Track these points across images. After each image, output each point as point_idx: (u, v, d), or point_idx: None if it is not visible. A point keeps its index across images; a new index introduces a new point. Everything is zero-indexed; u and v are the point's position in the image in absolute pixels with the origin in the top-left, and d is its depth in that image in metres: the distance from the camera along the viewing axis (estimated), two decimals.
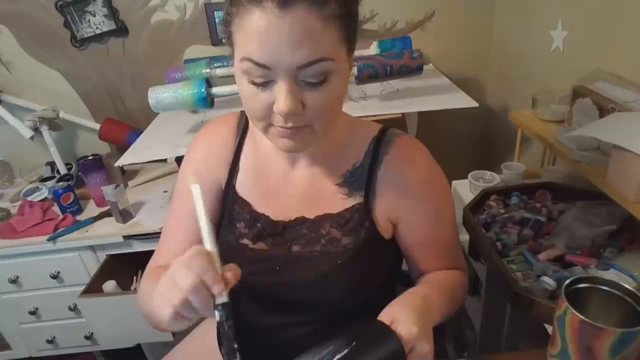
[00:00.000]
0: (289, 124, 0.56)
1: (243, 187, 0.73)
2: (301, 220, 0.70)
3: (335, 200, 0.69)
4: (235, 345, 0.47)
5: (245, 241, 0.72)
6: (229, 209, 0.74)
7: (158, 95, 1.33)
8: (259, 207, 0.72)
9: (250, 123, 0.75)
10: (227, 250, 0.73)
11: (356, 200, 0.68)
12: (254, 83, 0.54)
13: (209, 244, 0.49)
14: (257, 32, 0.51)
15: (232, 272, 0.49)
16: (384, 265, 0.73)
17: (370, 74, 1.35)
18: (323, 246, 0.68)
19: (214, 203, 0.75)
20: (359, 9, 0.58)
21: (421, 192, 0.68)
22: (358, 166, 0.69)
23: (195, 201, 0.50)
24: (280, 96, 0.53)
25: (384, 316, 0.57)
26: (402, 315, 0.56)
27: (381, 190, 0.68)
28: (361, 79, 1.35)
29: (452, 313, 0.72)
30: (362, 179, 0.68)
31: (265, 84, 0.54)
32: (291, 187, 0.71)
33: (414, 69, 1.37)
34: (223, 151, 0.74)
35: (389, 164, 0.67)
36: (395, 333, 0.54)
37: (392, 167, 0.67)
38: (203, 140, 0.77)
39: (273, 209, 0.71)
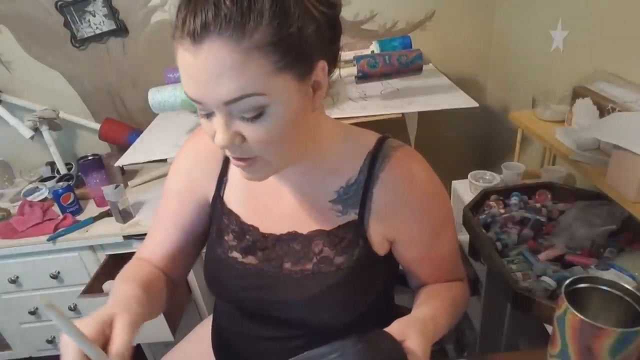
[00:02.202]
0: (235, 155, 0.55)
1: (232, 198, 0.72)
2: (293, 235, 0.67)
3: (329, 217, 0.66)
4: None
5: (235, 254, 0.70)
6: (217, 221, 0.72)
7: (158, 96, 1.33)
8: (248, 218, 0.70)
9: None
10: (216, 263, 0.72)
11: (350, 217, 0.65)
12: (200, 114, 0.54)
13: (87, 350, 0.47)
14: (183, 69, 0.50)
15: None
16: (377, 281, 0.70)
17: (369, 62, 1.35)
18: (315, 265, 0.66)
19: (200, 214, 0.74)
20: (313, 21, 0.51)
21: (420, 210, 0.65)
22: (352, 183, 0.65)
23: (59, 322, 0.45)
24: (217, 130, 0.52)
25: (395, 331, 0.56)
26: (415, 343, 0.54)
27: (377, 208, 0.64)
28: (361, 72, 1.35)
29: (453, 325, 0.71)
30: (356, 196, 0.65)
31: (208, 115, 0.53)
32: (282, 201, 0.69)
33: (413, 60, 1.37)
34: (211, 161, 0.73)
35: (385, 181, 0.64)
36: (402, 346, 0.53)
37: (389, 185, 0.64)
38: (190, 150, 0.75)
39: (263, 221, 0.69)
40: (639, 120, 0.91)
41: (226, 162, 0.72)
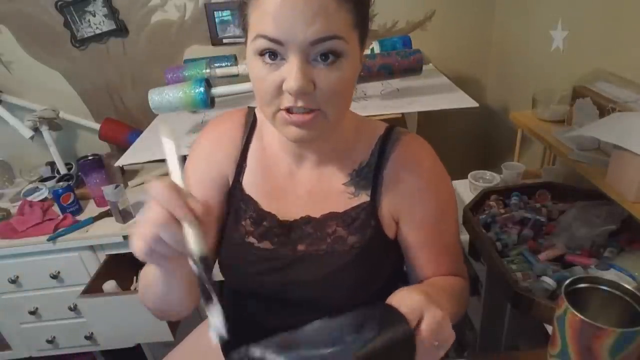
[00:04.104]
0: (299, 103, 0.55)
1: (250, 184, 0.73)
2: (306, 220, 0.69)
3: (342, 199, 0.69)
4: (212, 295, 0.50)
5: (251, 239, 0.71)
6: (235, 205, 0.73)
7: (158, 96, 1.33)
8: (266, 205, 0.71)
9: (258, 120, 0.74)
10: (233, 248, 0.72)
11: (362, 199, 0.68)
12: (265, 62, 0.55)
13: (178, 180, 0.50)
14: (272, 8, 0.51)
15: (199, 204, 0.49)
16: (388, 264, 0.73)
17: (367, 55, 1.36)
18: (329, 245, 0.68)
19: (220, 198, 0.74)
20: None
21: (425, 190, 0.68)
22: (364, 165, 0.69)
23: (164, 141, 0.52)
24: (291, 73, 0.53)
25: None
26: (402, 294, 0.54)
27: (387, 188, 0.68)
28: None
29: (454, 316, 0.70)
30: (368, 177, 0.68)
31: (277, 64, 0.54)
32: (297, 186, 0.71)
33: (410, 54, 1.38)
34: (230, 147, 0.73)
35: (395, 163, 0.67)
36: (404, 316, 0.51)
37: (399, 166, 0.67)
38: (210, 135, 0.76)
39: (279, 207, 0.71)
40: (639, 120, 0.91)
41: (245, 148, 0.73)
